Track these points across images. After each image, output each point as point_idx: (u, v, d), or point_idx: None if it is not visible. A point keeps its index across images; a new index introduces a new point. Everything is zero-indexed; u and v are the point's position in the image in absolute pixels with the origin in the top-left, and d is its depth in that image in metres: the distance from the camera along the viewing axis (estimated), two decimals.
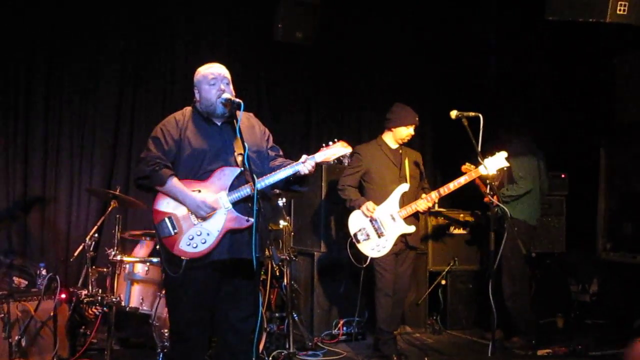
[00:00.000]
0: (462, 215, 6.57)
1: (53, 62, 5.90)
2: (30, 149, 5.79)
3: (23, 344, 4.62)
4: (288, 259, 5.23)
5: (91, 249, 4.90)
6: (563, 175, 6.64)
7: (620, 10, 4.62)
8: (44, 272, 4.89)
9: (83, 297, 4.83)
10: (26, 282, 5.20)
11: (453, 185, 4.96)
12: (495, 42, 7.51)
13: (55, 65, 5.91)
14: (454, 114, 4.47)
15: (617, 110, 6.56)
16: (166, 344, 4.47)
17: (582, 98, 6.94)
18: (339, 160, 3.75)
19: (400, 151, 5.19)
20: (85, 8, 5.93)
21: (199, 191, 3.49)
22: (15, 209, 5.73)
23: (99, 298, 4.75)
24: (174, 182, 3.50)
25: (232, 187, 3.51)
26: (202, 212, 3.46)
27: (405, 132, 5.09)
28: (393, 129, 5.14)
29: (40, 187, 5.82)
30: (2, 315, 4.55)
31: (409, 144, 5.36)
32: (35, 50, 5.83)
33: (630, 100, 6.40)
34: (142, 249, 5.07)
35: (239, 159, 3.51)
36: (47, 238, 5.83)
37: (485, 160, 4.71)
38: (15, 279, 5.23)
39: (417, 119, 5.11)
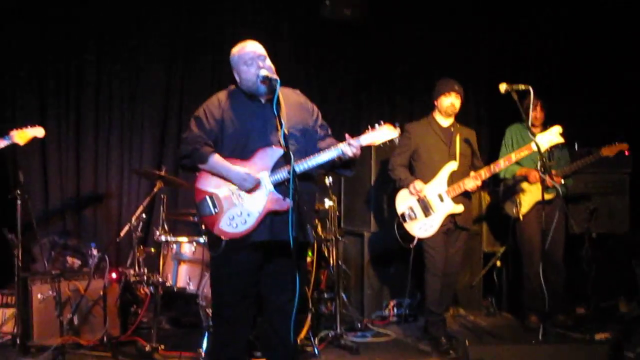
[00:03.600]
0: None
1: (103, 42, 5.96)
2: (82, 131, 5.89)
3: (75, 322, 4.72)
4: (334, 239, 5.14)
5: (139, 229, 4.95)
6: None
7: None
8: (94, 252, 4.97)
9: (131, 277, 4.89)
10: (80, 262, 5.33)
11: (503, 163, 4.77)
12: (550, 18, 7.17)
13: (105, 46, 5.97)
14: (503, 87, 4.25)
15: None
16: (212, 323, 4.47)
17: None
18: (385, 144, 3.56)
19: (452, 129, 5.02)
20: None
21: None
22: (68, 190, 5.83)
23: (146, 278, 4.79)
24: (216, 159, 3.47)
25: (275, 168, 3.44)
26: (248, 185, 3.41)
27: (446, 101, 4.93)
28: (436, 102, 5.01)
29: (92, 169, 5.92)
30: (54, 294, 4.65)
31: (464, 121, 5.18)
32: (85, 32, 5.89)
33: None
34: None
35: (282, 139, 3.42)
36: (99, 219, 5.93)
37: (538, 136, 4.50)
38: (69, 259, 5.36)
39: (456, 87, 4.92)
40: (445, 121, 5.02)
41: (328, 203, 5.14)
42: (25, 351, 4.53)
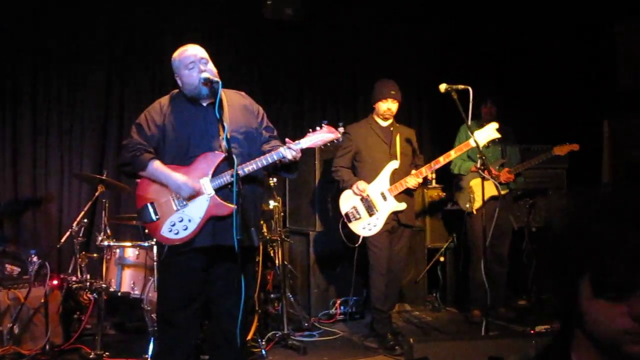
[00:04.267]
0: None
1: (38, 50, 5.81)
2: (19, 137, 5.74)
3: (15, 331, 4.60)
4: (279, 239, 5.16)
5: (80, 234, 4.87)
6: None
7: None
8: (35, 259, 4.84)
9: (73, 283, 4.79)
10: (19, 270, 5.17)
11: (443, 159, 4.86)
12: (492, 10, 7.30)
13: (42, 53, 5.82)
14: (442, 87, 4.34)
15: (618, 79, 6.41)
16: (157, 328, 4.43)
17: (581, 67, 6.76)
18: (327, 144, 3.58)
19: (392, 128, 5.09)
20: None
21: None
22: (7, 196, 5.68)
23: (88, 284, 4.71)
24: (155, 165, 3.44)
25: (217, 172, 3.42)
26: (184, 193, 3.38)
27: (384, 106, 5.00)
28: (374, 106, 5.08)
29: (30, 174, 5.77)
30: None
31: (403, 120, 5.26)
32: (20, 40, 5.73)
33: (632, 68, 6.25)
34: None
35: (223, 143, 3.40)
36: (39, 225, 5.79)
37: (476, 132, 4.60)
38: (8, 267, 5.20)
39: (392, 91, 4.99)
40: (384, 122, 5.08)
41: (272, 204, 5.16)
42: None
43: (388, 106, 4.99)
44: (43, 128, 5.81)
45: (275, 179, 5.07)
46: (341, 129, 3.57)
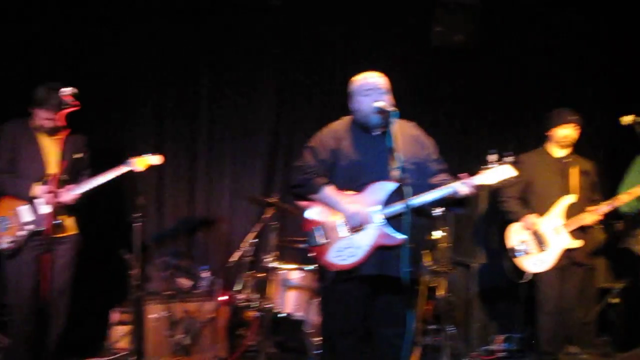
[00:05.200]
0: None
1: (214, 76, 6.12)
2: (196, 156, 6.07)
3: (185, 342, 4.85)
4: (444, 270, 5.05)
5: (250, 254, 5.07)
6: None
7: None
8: (206, 274, 5.10)
9: (240, 301, 4.98)
10: (191, 284, 5.46)
11: (628, 197, 4.53)
12: None
13: (216, 79, 6.12)
14: (626, 119, 4.06)
15: None
16: (317, 352, 4.48)
17: None
18: (501, 183, 3.46)
19: (568, 159, 4.84)
20: (243, 21, 6.11)
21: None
22: (182, 213, 6.02)
23: (255, 303, 4.87)
24: (328, 191, 3.49)
25: (387, 202, 3.42)
26: (355, 223, 3.40)
27: (562, 132, 4.79)
28: (549, 133, 4.87)
29: (205, 194, 6.06)
30: (168, 314, 4.81)
31: (581, 152, 4.98)
32: (199, 63, 6.09)
33: None
34: None
35: (395, 172, 3.38)
36: (210, 242, 6.06)
37: None
38: (181, 280, 5.51)
39: (572, 117, 4.77)
40: (560, 152, 4.85)
41: (439, 234, 5.06)
42: None
43: (568, 133, 4.77)
44: (218, 150, 6.11)
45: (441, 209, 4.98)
46: (510, 158, 3.45)
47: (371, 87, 3.50)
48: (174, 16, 5.91)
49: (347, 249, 3.42)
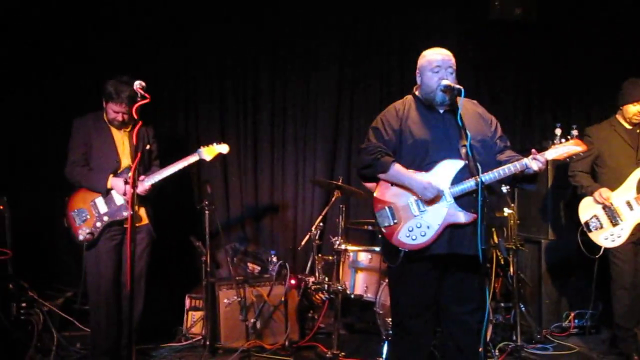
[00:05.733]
0: None
1: (276, 62, 6.19)
2: (258, 144, 6.16)
3: (258, 326, 4.95)
4: (514, 247, 5.00)
5: (317, 237, 5.13)
6: None
7: None
8: (274, 259, 5.18)
9: (310, 284, 5.05)
10: (259, 268, 5.56)
11: None
12: None
13: (278, 67, 6.20)
14: None
15: None
16: (390, 332, 4.50)
17: None
18: (570, 158, 3.43)
19: (638, 131, 4.70)
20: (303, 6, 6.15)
21: None
22: (247, 199, 6.12)
23: (325, 285, 4.93)
24: (397, 167, 3.46)
25: (455, 180, 3.39)
26: (429, 194, 3.36)
27: (633, 109, 4.63)
28: (621, 107, 4.72)
29: (268, 179, 6.16)
30: (240, 299, 4.91)
31: None
32: (259, 50, 6.16)
33: None
34: None
35: (463, 150, 3.35)
36: (276, 227, 6.16)
37: None
38: (250, 265, 5.62)
39: None
40: (629, 124, 4.72)
41: (507, 211, 5.01)
42: (214, 352, 4.82)
43: (639, 110, 4.64)
44: (279, 137, 6.19)
45: (508, 186, 4.92)
46: (575, 132, 3.40)
47: (440, 64, 3.47)
48: (237, 17, 6.05)
49: (418, 228, 3.41)
